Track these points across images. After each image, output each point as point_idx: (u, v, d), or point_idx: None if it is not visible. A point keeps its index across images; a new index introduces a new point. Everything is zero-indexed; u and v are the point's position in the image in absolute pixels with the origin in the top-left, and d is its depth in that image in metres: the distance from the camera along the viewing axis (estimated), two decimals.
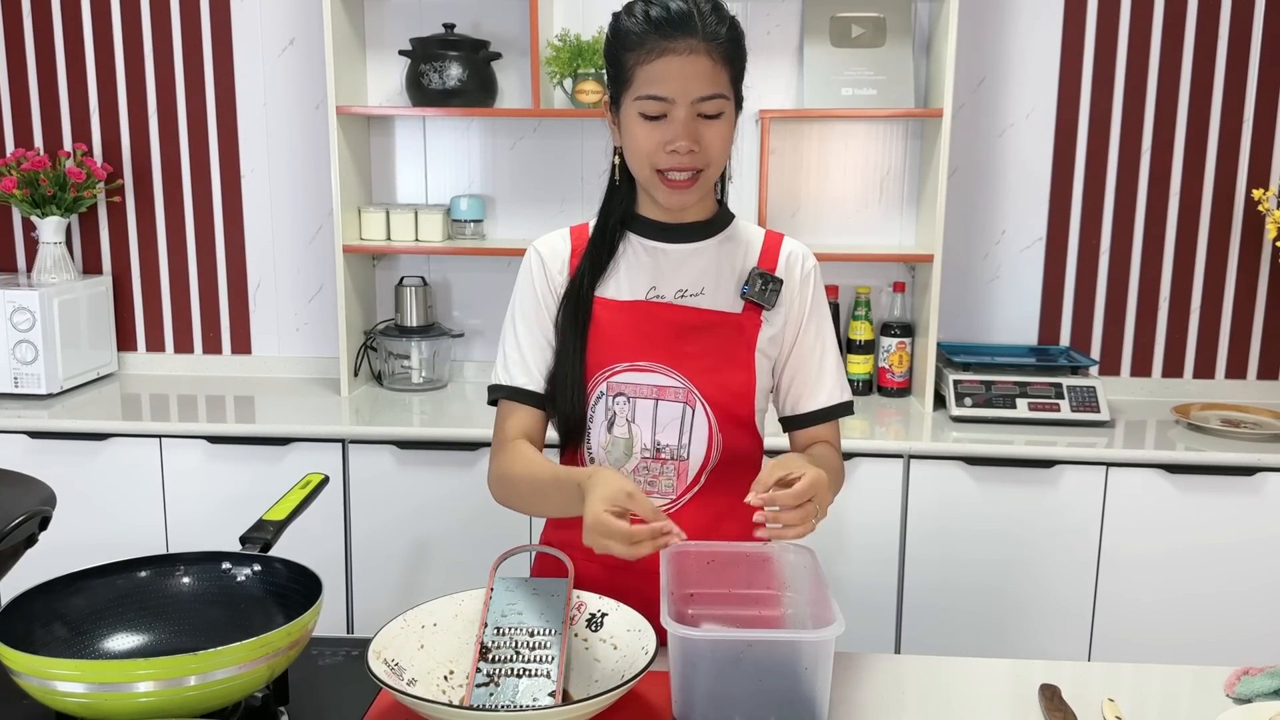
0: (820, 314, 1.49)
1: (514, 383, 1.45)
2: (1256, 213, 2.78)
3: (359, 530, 2.52)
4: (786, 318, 1.46)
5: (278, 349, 3.04)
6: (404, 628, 1.24)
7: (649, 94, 1.32)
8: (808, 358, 1.48)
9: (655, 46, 1.31)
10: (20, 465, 1.47)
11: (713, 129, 1.34)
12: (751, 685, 1.11)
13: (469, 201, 2.85)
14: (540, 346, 1.45)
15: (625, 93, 1.36)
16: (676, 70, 1.31)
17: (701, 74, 1.31)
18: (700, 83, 1.31)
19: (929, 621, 2.47)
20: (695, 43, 1.31)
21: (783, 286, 1.45)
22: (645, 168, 1.37)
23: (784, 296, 1.45)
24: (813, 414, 1.49)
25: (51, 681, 1.03)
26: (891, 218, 2.88)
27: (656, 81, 1.32)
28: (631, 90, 1.34)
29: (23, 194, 2.75)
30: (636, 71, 1.33)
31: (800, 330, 1.47)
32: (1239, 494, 2.38)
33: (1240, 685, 1.28)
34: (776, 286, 1.44)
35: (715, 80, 1.32)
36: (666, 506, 1.43)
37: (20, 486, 1.29)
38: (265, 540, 1.31)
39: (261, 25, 2.89)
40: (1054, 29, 2.77)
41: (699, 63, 1.31)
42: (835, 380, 1.50)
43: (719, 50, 1.32)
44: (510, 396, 1.45)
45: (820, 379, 1.49)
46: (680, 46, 1.31)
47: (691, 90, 1.31)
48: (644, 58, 1.32)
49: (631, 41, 1.34)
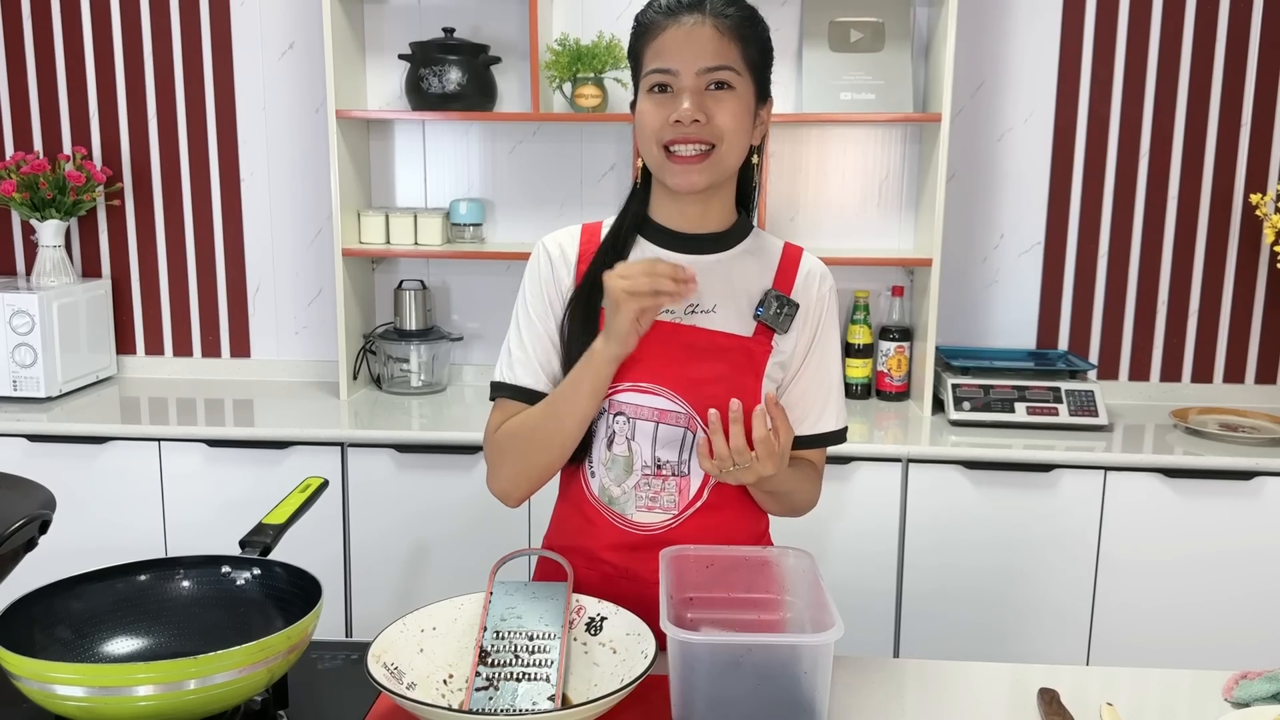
0: (830, 339, 1.44)
1: (518, 381, 1.40)
2: (1254, 217, 2.78)
3: (358, 534, 2.52)
4: (797, 341, 1.42)
5: (277, 352, 3.04)
6: (403, 631, 1.24)
7: (654, 67, 1.33)
8: (813, 383, 1.43)
9: (663, 25, 1.33)
10: (19, 469, 1.47)
11: (722, 103, 1.32)
12: (750, 689, 1.11)
13: (468, 205, 2.85)
14: (545, 346, 1.41)
15: (639, 79, 1.36)
16: (680, 41, 1.31)
17: (705, 45, 1.31)
18: (704, 53, 1.31)
19: (928, 625, 2.47)
20: (701, 17, 1.32)
21: (798, 310, 1.40)
22: (654, 147, 1.34)
23: (798, 320, 1.40)
24: (807, 439, 1.44)
25: (51, 685, 1.03)
26: (890, 222, 2.88)
27: (661, 54, 1.32)
28: (643, 71, 1.35)
29: (22, 197, 2.75)
30: (646, 53, 1.34)
31: (809, 354, 1.43)
32: (1237, 498, 2.38)
33: (1238, 689, 1.28)
34: (792, 311, 1.39)
35: (721, 52, 1.31)
36: (669, 522, 1.40)
37: (19, 490, 1.29)
38: (265, 544, 1.31)
39: (261, 29, 2.89)
40: (1052, 33, 2.78)
41: (703, 33, 1.31)
42: (835, 408, 1.45)
43: (726, 25, 1.32)
44: (514, 396, 1.40)
45: (823, 405, 1.44)
46: (685, 20, 1.32)
47: (695, 60, 1.31)
48: (652, 37, 1.34)
49: (644, 30, 1.36)
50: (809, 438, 1.44)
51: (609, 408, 1.38)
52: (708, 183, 1.35)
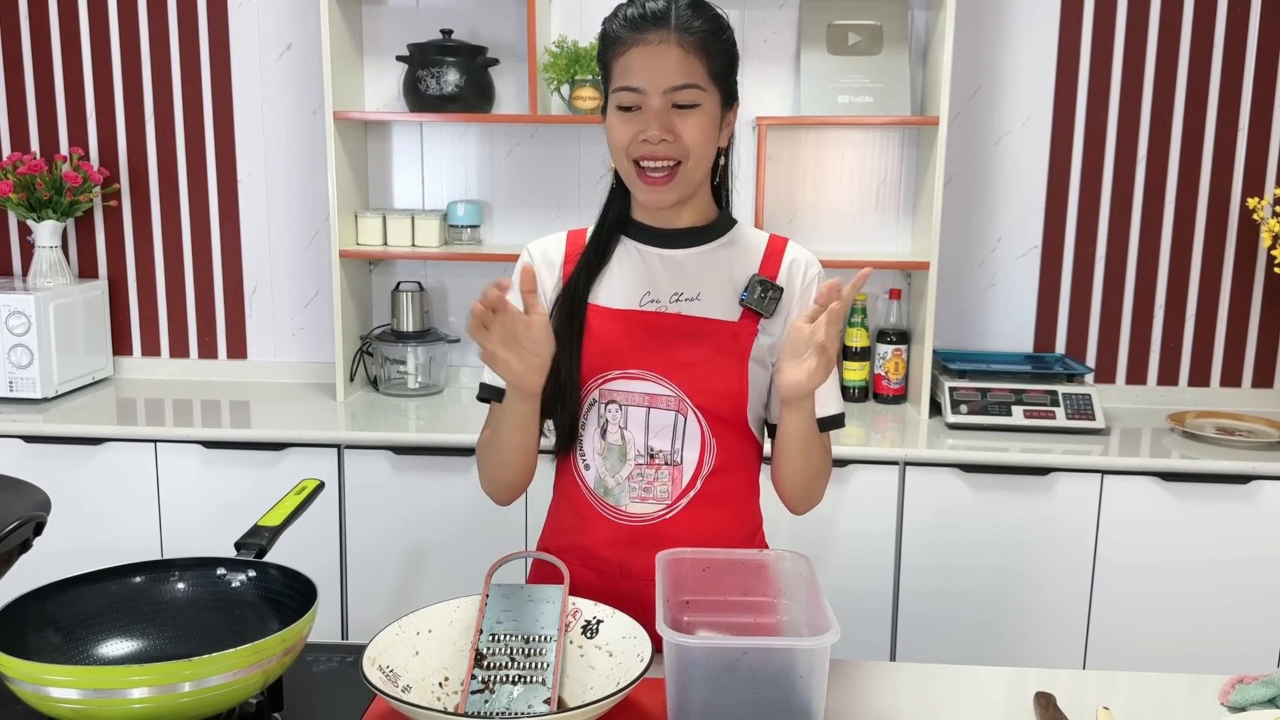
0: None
1: (498, 383, 1.41)
2: (1251, 221, 2.79)
3: (354, 536, 2.52)
4: (785, 326, 1.43)
5: (274, 354, 3.04)
6: (399, 634, 1.23)
7: (621, 85, 1.35)
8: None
9: (628, 40, 1.34)
10: (15, 470, 1.47)
11: (688, 121, 1.34)
12: (747, 693, 1.11)
13: (466, 207, 2.85)
14: None
15: (608, 90, 1.38)
16: (647, 60, 1.33)
17: (671, 64, 1.32)
18: (670, 73, 1.32)
19: (924, 629, 2.47)
20: (666, 34, 1.33)
21: (783, 294, 1.43)
22: (624, 161, 1.37)
23: (783, 305, 1.43)
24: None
25: (45, 687, 1.02)
26: (888, 225, 2.88)
27: (628, 73, 1.34)
28: (611, 85, 1.37)
29: (19, 198, 2.75)
30: (614, 67, 1.36)
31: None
32: (1234, 502, 2.38)
33: (1235, 694, 1.28)
34: (776, 294, 1.42)
35: (687, 70, 1.33)
36: (662, 512, 1.42)
37: (14, 491, 1.29)
38: (260, 546, 1.31)
39: (259, 30, 2.89)
40: (1050, 37, 2.78)
41: (669, 52, 1.32)
42: (830, 392, 1.46)
43: (692, 41, 1.33)
44: (498, 398, 1.43)
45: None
46: (651, 38, 1.33)
47: (661, 80, 1.32)
48: (619, 53, 1.35)
49: (611, 41, 1.37)
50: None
51: (600, 396, 1.42)
52: (676, 198, 1.39)
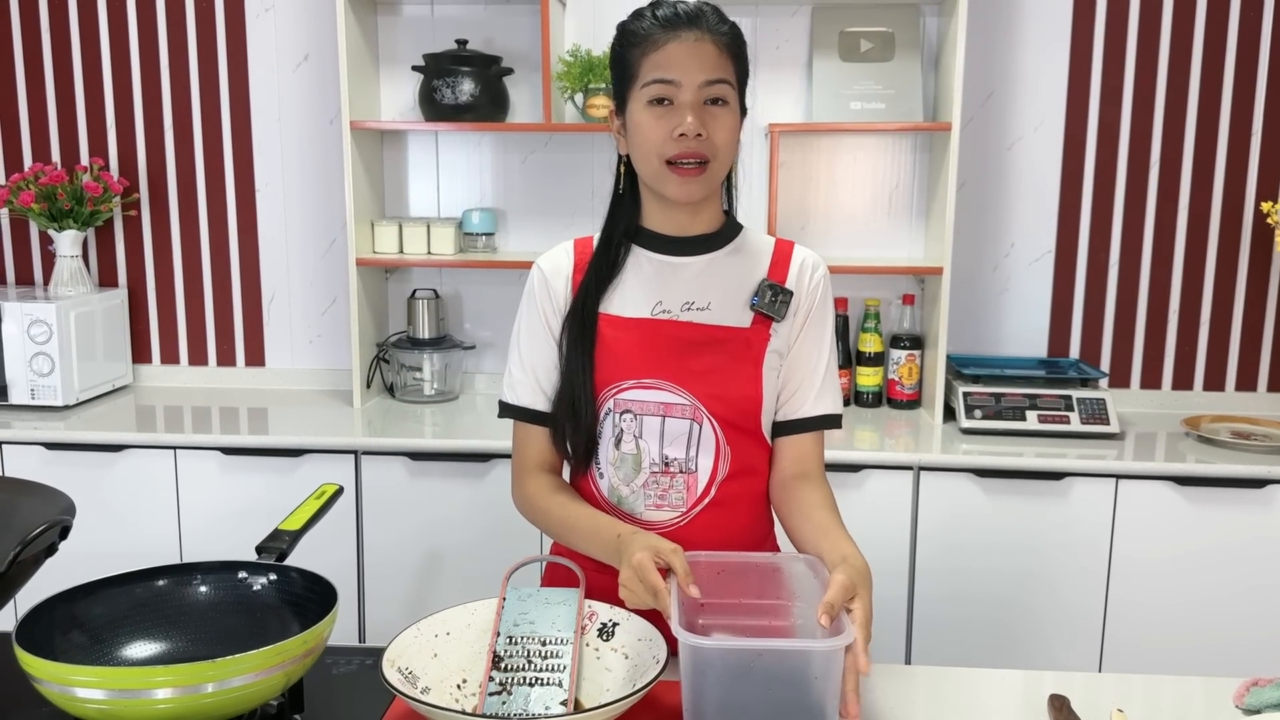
0: (821, 323, 1.47)
1: (522, 403, 1.47)
2: (1266, 225, 2.78)
3: (371, 540, 2.54)
4: (791, 328, 1.45)
5: (291, 361, 3.06)
6: (417, 636, 1.25)
7: (656, 78, 1.35)
8: (801, 364, 1.46)
9: (662, 37, 1.36)
10: (37, 476, 1.49)
11: (719, 119, 1.36)
12: (762, 694, 1.12)
13: (480, 215, 2.87)
14: (548, 366, 1.46)
15: (632, 88, 1.38)
16: (684, 54, 1.34)
17: (707, 59, 1.35)
18: (706, 67, 1.34)
19: (939, 632, 2.47)
20: (701, 32, 1.35)
21: (793, 298, 1.44)
22: (654, 160, 1.36)
23: (793, 307, 1.44)
24: (797, 422, 1.46)
25: (72, 688, 1.04)
26: (901, 230, 2.89)
27: (664, 66, 1.35)
28: (639, 81, 1.37)
29: (40, 208, 2.78)
30: (643, 63, 1.36)
31: (799, 337, 1.45)
32: (1249, 506, 2.38)
33: (1249, 696, 1.28)
34: (786, 298, 1.43)
35: (721, 67, 1.36)
36: (677, 519, 1.43)
37: (40, 496, 1.31)
38: (281, 550, 1.32)
39: (276, 41, 2.92)
40: (1062, 42, 2.78)
41: (705, 49, 1.35)
42: (826, 391, 1.46)
43: (723, 42, 1.37)
44: (522, 417, 1.48)
45: (810, 388, 1.46)
46: (686, 35, 1.35)
47: (698, 73, 1.34)
48: (651, 49, 1.36)
49: (639, 38, 1.37)
50: (803, 420, 1.46)
51: (615, 406, 1.42)
52: (703, 194, 1.40)
